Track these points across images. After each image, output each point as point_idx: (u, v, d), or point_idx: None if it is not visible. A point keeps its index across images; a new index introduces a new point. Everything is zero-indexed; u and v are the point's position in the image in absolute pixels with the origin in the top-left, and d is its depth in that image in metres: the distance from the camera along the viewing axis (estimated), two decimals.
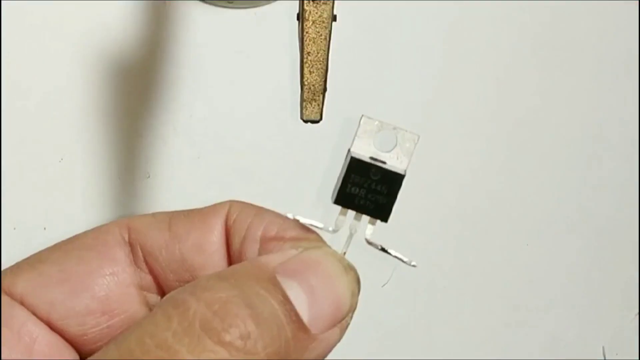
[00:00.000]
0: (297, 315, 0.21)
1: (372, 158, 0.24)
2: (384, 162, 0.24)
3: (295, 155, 0.49)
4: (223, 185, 0.48)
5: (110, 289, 0.24)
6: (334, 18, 0.41)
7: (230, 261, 0.24)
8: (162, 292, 0.25)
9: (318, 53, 0.41)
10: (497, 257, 0.53)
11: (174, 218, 0.25)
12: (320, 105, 0.43)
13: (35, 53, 0.45)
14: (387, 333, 0.52)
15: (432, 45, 0.50)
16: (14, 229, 0.46)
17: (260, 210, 0.24)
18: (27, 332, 0.23)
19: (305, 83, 0.42)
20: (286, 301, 0.21)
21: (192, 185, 0.48)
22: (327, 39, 0.40)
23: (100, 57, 0.45)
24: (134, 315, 0.24)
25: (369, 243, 0.24)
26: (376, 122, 0.24)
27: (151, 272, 0.25)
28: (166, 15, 0.45)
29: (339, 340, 0.22)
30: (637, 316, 0.54)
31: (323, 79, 0.42)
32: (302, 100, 0.43)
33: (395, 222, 0.53)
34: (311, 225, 0.24)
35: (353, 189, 0.24)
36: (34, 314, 0.23)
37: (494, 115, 0.51)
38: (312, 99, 0.42)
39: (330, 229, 0.24)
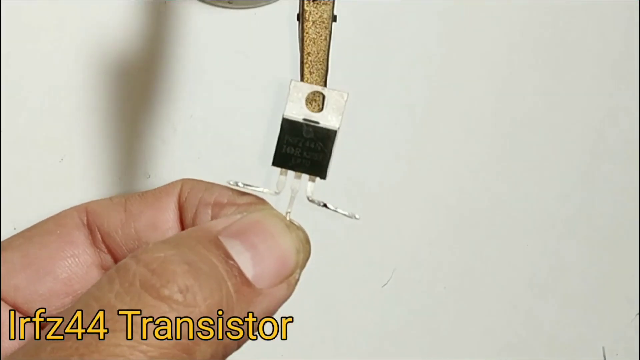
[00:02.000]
0: (239, 270, 0.22)
1: (304, 119, 0.25)
2: (317, 122, 0.25)
3: None
4: None
5: (72, 271, 0.25)
6: (334, 18, 0.41)
7: None
8: None
9: (318, 54, 0.41)
10: (497, 257, 0.53)
11: (129, 199, 0.26)
12: (320, 106, 0.43)
13: (35, 53, 0.45)
14: (387, 333, 0.52)
15: (432, 45, 0.50)
16: (14, 229, 0.46)
17: (210, 185, 0.26)
18: None
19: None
20: (228, 258, 0.22)
21: None
22: (328, 39, 0.40)
23: (99, 57, 0.45)
24: None
25: (310, 200, 0.25)
26: (305, 86, 0.25)
27: (110, 251, 0.26)
28: (166, 15, 0.45)
29: (288, 296, 0.23)
30: (637, 316, 0.54)
31: (323, 80, 0.42)
32: None
33: (396, 222, 0.52)
34: (252, 189, 0.25)
35: (289, 149, 0.25)
36: (2, 299, 0.24)
37: (495, 116, 0.51)
38: (312, 99, 0.42)
39: (273, 191, 0.25)
